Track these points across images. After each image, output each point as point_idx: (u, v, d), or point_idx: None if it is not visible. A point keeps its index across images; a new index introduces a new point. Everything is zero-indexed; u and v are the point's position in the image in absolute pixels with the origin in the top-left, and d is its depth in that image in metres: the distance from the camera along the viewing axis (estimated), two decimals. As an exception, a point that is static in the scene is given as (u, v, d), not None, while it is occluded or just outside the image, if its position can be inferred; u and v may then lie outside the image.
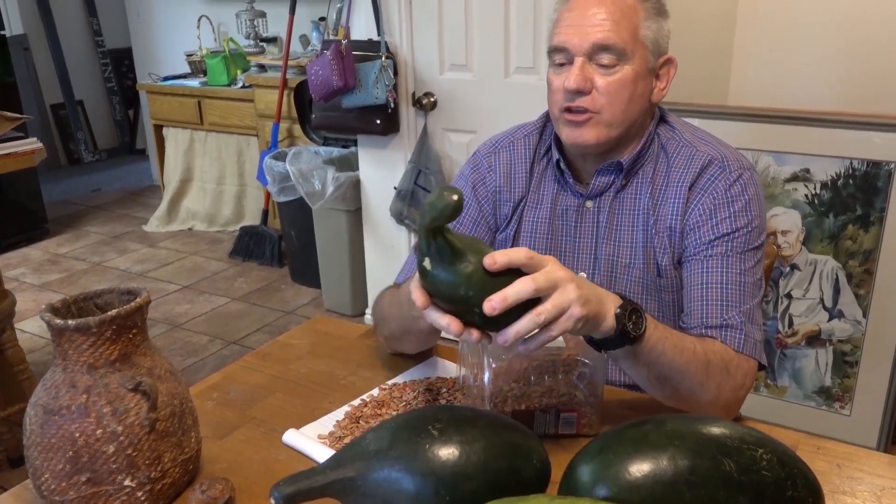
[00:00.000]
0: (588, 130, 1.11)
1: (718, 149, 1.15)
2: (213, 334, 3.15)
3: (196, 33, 4.54)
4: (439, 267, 0.80)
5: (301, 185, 3.02)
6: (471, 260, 0.79)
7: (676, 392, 1.00)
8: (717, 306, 1.06)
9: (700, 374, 0.99)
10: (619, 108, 1.10)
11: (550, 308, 0.80)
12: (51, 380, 0.85)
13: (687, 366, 0.97)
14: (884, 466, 0.93)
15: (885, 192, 2.02)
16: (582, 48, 1.08)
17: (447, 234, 0.79)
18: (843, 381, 2.18)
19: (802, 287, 2.19)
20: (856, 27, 2.54)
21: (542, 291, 0.80)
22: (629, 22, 1.08)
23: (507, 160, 1.25)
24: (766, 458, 0.74)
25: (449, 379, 1.12)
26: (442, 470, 0.74)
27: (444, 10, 2.53)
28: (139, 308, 0.85)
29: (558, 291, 0.81)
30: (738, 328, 1.05)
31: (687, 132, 1.18)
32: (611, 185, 1.17)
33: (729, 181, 1.11)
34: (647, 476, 0.73)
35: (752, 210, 1.11)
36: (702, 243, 1.10)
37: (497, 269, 0.79)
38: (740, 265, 1.08)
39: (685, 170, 1.13)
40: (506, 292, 0.78)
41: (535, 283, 0.79)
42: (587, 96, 1.09)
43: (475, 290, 0.79)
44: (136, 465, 0.83)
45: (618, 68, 1.08)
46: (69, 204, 5.02)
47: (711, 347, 1.02)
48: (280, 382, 1.17)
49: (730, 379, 1.02)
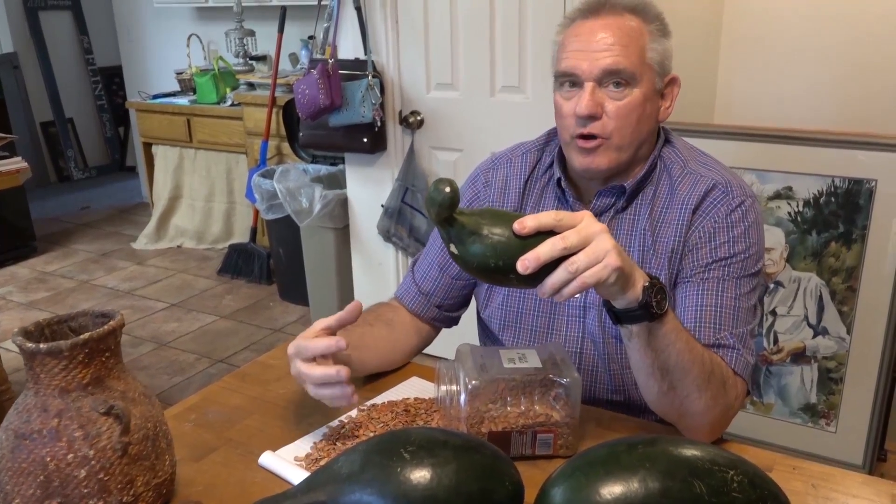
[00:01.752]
0: (600, 157, 1.12)
1: (723, 174, 1.15)
2: (201, 353, 3.14)
3: (186, 51, 4.55)
4: (464, 248, 0.85)
5: (289, 202, 3.03)
6: (494, 231, 0.84)
7: (673, 390, 0.98)
8: (710, 327, 1.06)
9: (701, 379, 0.98)
10: (628, 132, 1.11)
11: (583, 258, 0.82)
12: (22, 404, 0.84)
13: (692, 364, 0.97)
14: (858, 486, 0.93)
15: (866, 209, 2.03)
16: (592, 74, 1.09)
17: (459, 218, 0.84)
18: (829, 398, 2.18)
19: (787, 304, 2.20)
20: (838, 48, 2.57)
21: (572, 248, 0.82)
22: (636, 45, 1.09)
23: (503, 176, 1.26)
24: (737, 479, 0.74)
25: (427, 400, 1.12)
26: (413, 493, 0.74)
27: (430, 29, 2.55)
28: (112, 331, 0.85)
29: (593, 243, 0.83)
30: (732, 347, 1.05)
31: (691, 157, 1.19)
32: (611, 207, 1.17)
33: (731, 206, 1.12)
34: (618, 499, 0.73)
35: (750, 237, 1.11)
36: (699, 266, 1.11)
37: (527, 234, 0.83)
38: (736, 290, 1.09)
39: (689, 193, 1.14)
40: (538, 251, 0.82)
41: (565, 242, 0.82)
42: (598, 122, 1.10)
43: (505, 258, 0.83)
44: (107, 489, 0.83)
45: (627, 92, 1.09)
46: (58, 222, 5.01)
47: (716, 359, 1.02)
48: (259, 404, 1.16)
49: (725, 395, 1.02)
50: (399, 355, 1.25)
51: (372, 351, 1.18)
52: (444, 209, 0.82)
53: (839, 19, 2.54)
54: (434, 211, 0.83)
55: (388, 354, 1.22)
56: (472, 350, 1.04)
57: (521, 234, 0.83)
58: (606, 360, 1.16)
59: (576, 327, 1.18)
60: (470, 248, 0.84)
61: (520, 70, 2.45)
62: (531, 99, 2.45)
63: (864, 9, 2.49)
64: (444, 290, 1.27)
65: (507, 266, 0.83)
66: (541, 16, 2.34)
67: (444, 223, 0.84)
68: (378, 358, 1.20)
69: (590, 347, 1.17)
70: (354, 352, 1.13)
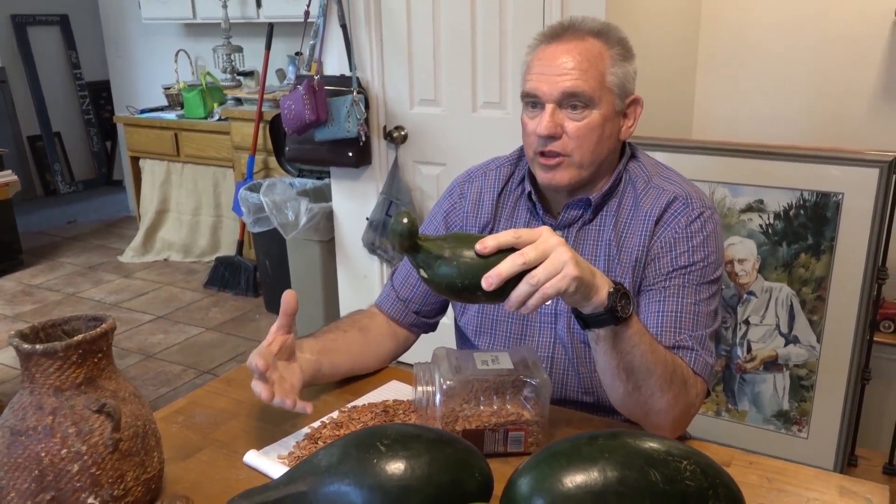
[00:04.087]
0: (560, 173, 1.18)
1: (684, 187, 1.22)
2: (187, 364, 3.17)
3: (174, 67, 4.61)
4: (432, 272, 0.91)
5: (275, 216, 3.07)
6: (458, 253, 0.90)
7: (637, 390, 1.03)
8: (671, 331, 1.12)
9: (664, 379, 1.03)
10: (587, 150, 1.17)
11: (542, 271, 0.88)
12: (18, 402, 0.88)
13: (655, 365, 1.02)
14: (810, 479, 0.99)
15: (833, 221, 2.11)
16: (552, 96, 1.15)
17: (424, 244, 0.91)
18: (800, 405, 2.24)
19: (759, 313, 2.26)
20: (808, 69, 2.67)
21: (532, 263, 0.88)
22: (596, 70, 1.15)
23: (477, 188, 1.32)
24: (689, 468, 0.80)
25: (405, 402, 1.17)
26: (388, 483, 0.79)
27: (414, 47, 2.62)
28: (105, 333, 0.90)
29: (551, 256, 0.89)
30: (692, 349, 1.11)
31: (655, 172, 1.25)
32: (578, 219, 1.24)
33: (690, 217, 1.18)
34: (580, 487, 0.79)
35: (709, 246, 1.17)
36: (660, 274, 1.16)
37: (489, 253, 0.89)
38: (695, 296, 1.15)
39: (652, 206, 1.20)
40: (500, 268, 0.87)
41: (524, 257, 0.88)
42: (558, 141, 1.16)
43: (470, 277, 0.89)
44: (99, 483, 0.87)
45: (586, 113, 1.16)
46: (44, 235, 5.02)
47: (678, 361, 1.08)
48: (244, 406, 1.21)
49: (686, 394, 1.07)
50: (373, 359, 1.30)
51: (344, 355, 1.24)
52: (405, 238, 0.89)
53: (810, 43, 2.64)
54: (397, 242, 0.89)
55: (360, 359, 1.27)
56: (447, 353, 1.09)
57: (483, 253, 0.88)
58: (576, 364, 1.21)
59: (547, 333, 1.24)
60: (437, 271, 0.90)
61: (500, 87, 2.51)
62: (511, 115, 2.52)
63: (833, 33, 2.59)
64: (421, 297, 1.32)
65: (473, 285, 0.89)
66: (520, 34, 2.41)
67: (409, 251, 0.91)
68: (350, 362, 1.26)
69: (560, 352, 1.23)
70: (325, 356, 1.19)
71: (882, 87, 2.54)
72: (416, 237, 0.90)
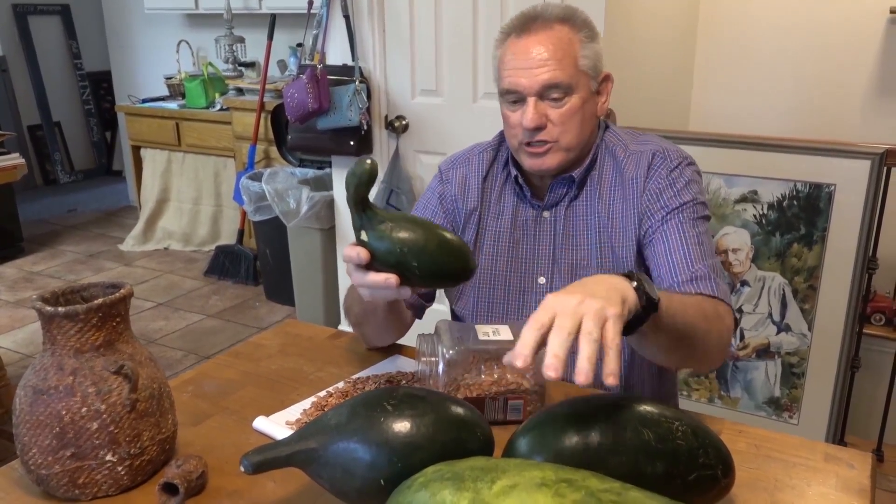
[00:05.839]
0: (549, 158, 1.24)
1: (660, 144, 1.29)
2: (188, 349, 3.21)
3: (175, 57, 4.64)
4: (374, 235, 0.93)
5: (276, 203, 3.11)
6: (403, 224, 0.92)
7: (692, 348, 1.02)
8: (683, 263, 1.16)
9: (705, 325, 1.04)
10: (573, 134, 1.23)
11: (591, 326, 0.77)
12: (39, 363, 0.92)
13: (695, 319, 1.01)
14: (796, 447, 1.03)
15: (825, 212, 2.15)
16: (532, 89, 1.20)
17: (374, 207, 0.93)
18: (791, 392, 2.29)
19: (752, 302, 2.31)
20: (804, 63, 2.71)
21: (574, 329, 0.77)
22: (570, 57, 1.20)
23: (462, 174, 1.37)
24: (681, 429, 0.84)
25: (409, 373, 1.21)
26: (395, 440, 0.83)
27: (416, 37, 2.65)
28: (123, 298, 0.94)
29: (583, 313, 0.79)
30: (707, 277, 1.15)
31: (630, 139, 1.31)
32: (565, 196, 1.29)
33: (670, 167, 1.25)
34: (576, 445, 0.83)
35: (692, 189, 1.24)
36: (656, 221, 1.22)
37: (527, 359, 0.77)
38: (694, 230, 1.20)
39: (636, 171, 1.26)
40: (555, 350, 0.76)
41: (564, 330, 0.77)
42: (544, 130, 1.21)
43: (410, 246, 0.91)
44: (117, 441, 0.91)
45: (567, 100, 1.21)
46: (45, 223, 5.05)
47: (702, 299, 1.10)
48: (251, 377, 1.25)
49: (720, 321, 1.09)
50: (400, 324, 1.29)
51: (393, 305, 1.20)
52: (363, 184, 0.91)
53: (805, 39, 2.68)
54: (353, 186, 0.91)
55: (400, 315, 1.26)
56: (449, 325, 1.13)
57: (524, 367, 0.77)
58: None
59: None
60: (381, 235, 0.92)
61: (501, 77, 2.55)
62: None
63: (828, 30, 2.64)
64: None
65: (410, 255, 0.91)
66: (521, 26, 2.45)
67: (360, 205, 0.92)
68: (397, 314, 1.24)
69: None
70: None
71: (876, 82, 2.59)
72: (372, 184, 0.91)
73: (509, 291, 1.31)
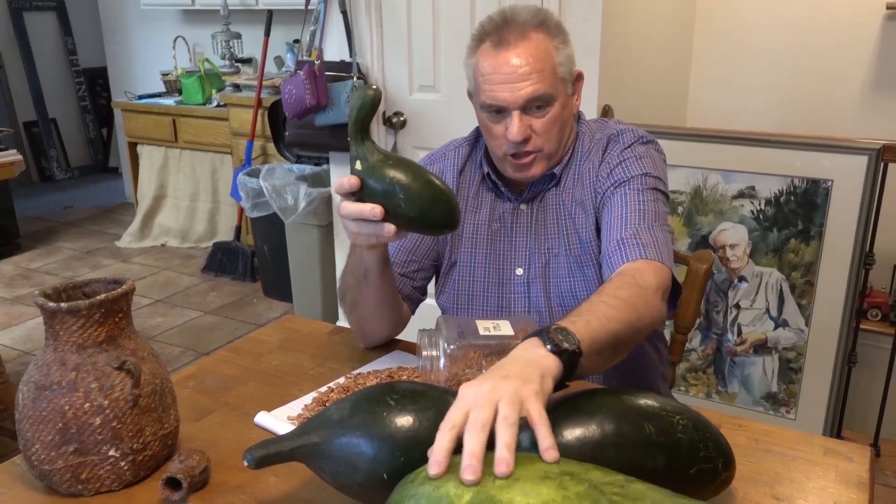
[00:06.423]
0: (535, 168, 1.27)
1: (617, 127, 1.32)
2: (185, 346, 3.21)
3: (172, 53, 4.63)
4: (367, 165, 0.97)
5: (274, 200, 3.11)
6: (395, 160, 0.97)
7: (632, 344, 1.03)
8: (617, 228, 1.20)
9: (636, 320, 1.01)
10: (555, 140, 1.26)
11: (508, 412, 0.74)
12: (42, 359, 0.92)
13: (623, 325, 0.98)
14: (795, 440, 1.04)
15: (823, 208, 2.16)
16: (516, 103, 1.21)
17: (372, 140, 0.98)
18: (789, 387, 2.30)
19: (750, 298, 2.32)
20: (800, 60, 2.72)
21: (489, 420, 0.74)
22: (549, 67, 1.21)
23: (439, 170, 1.39)
24: (682, 423, 0.85)
25: (409, 368, 1.21)
26: (397, 434, 0.83)
27: (413, 33, 2.65)
28: (125, 294, 0.94)
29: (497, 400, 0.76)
30: (635, 238, 1.17)
31: (597, 128, 1.34)
32: (544, 190, 1.31)
33: (623, 146, 1.28)
34: (578, 438, 0.83)
35: (643, 164, 1.25)
36: (607, 196, 1.25)
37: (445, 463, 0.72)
38: (638, 198, 1.22)
39: (596, 155, 1.30)
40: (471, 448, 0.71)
41: (478, 423, 0.73)
42: (529, 141, 1.23)
43: (398, 181, 0.96)
44: (120, 436, 0.91)
45: (548, 109, 1.23)
46: (41, 220, 5.04)
47: (614, 284, 1.07)
48: (252, 373, 1.25)
49: (642, 292, 1.06)
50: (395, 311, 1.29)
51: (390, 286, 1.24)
52: (366, 108, 0.94)
53: (802, 35, 2.69)
54: (356, 109, 0.93)
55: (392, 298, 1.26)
56: (450, 320, 1.13)
57: (439, 473, 0.71)
58: None
59: (521, 303, 1.31)
60: (372, 165, 0.96)
61: (499, 73, 2.55)
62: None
63: (825, 26, 2.65)
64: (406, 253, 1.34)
65: (399, 190, 0.95)
66: (519, 22, 2.45)
67: (359, 133, 0.95)
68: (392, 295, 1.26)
69: (537, 318, 1.28)
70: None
71: (873, 77, 2.60)
72: (375, 112, 0.95)
73: (488, 283, 1.34)
